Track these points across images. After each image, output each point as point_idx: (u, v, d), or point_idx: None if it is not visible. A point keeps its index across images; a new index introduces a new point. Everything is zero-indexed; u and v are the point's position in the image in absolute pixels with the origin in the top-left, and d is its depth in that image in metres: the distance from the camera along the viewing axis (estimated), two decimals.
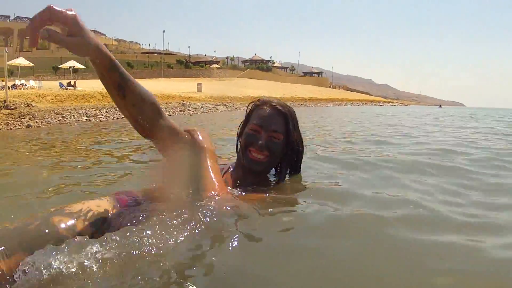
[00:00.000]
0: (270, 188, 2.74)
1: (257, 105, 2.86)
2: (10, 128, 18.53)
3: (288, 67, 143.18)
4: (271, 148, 2.66)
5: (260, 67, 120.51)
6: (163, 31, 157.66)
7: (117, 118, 23.17)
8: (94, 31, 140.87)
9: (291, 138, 2.76)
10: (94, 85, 40.24)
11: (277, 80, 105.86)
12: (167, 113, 27.04)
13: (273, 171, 2.95)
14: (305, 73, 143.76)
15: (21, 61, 46.30)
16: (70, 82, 39.11)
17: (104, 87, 1.94)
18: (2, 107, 23.49)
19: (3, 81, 27.99)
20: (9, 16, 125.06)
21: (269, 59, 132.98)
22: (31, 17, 1.56)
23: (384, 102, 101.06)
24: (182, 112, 28.62)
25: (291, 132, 2.76)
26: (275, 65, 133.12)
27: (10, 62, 43.02)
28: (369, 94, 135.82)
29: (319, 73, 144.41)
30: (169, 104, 34.14)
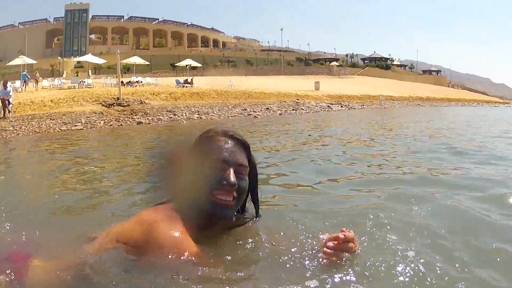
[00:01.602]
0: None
1: (209, 137, 2.34)
2: (121, 124, 19.30)
3: (407, 65, 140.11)
4: (240, 186, 2.26)
5: (380, 64, 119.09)
6: (281, 29, 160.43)
7: (228, 117, 23.40)
8: (212, 29, 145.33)
9: (254, 170, 2.45)
10: (212, 82, 41.30)
11: (396, 78, 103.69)
12: (279, 111, 27.17)
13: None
14: (424, 71, 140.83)
15: (136, 59, 48.68)
16: (187, 79, 40.17)
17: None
18: (115, 104, 24.57)
19: (117, 77, 29.27)
20: (123, 16, 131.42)
21: (388, 56, 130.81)
22: (144, 16, 1.16)
23: (500, 103, 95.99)
24: (294, 111, 28.48)
25: (253, 163, 2.44)
26: (394, 62, 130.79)
27: (125, 61, 45.36)
28: (486, 94, 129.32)
29: (438, 72, 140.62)
30: (283, 102, 34.22)
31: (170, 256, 1.93)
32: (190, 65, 55.57)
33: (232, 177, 2.20)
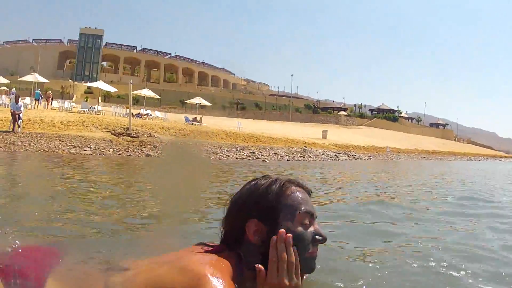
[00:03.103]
0: None
1: (281, 186, 2.01)
2: (130, 155, 19.35)
3: (414, 118, 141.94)
4: None
5: (387, 116, 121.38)
6: (292, 75, 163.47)
7: (236, 158, 23.41)
8: (223, 69, 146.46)
9: None
10: (221, 123, 41.58)
11: (403, 131, 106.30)
12: (287, 157, 27.19)
13: None
14: (431, 125, 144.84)
15: (147, 92, 49.17)
16: (196, 117, 40.47)
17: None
18: (125, 134, 24.70)
19: (127, 108, 29.48)
20: (136, 47, 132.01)
21: (396, 108, 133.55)
22: (157, 50, 1.18)
23: (506, 157, 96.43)
24: (302, 158, 28.51)
25: None
26: (402, 115, 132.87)
27: (135, 92, 45.76)
28: (492, 149, 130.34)
29: (444, 125, 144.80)
30: (291, 149, 34.23)
31: None
32: (200, 103, 56.06)
33: (323, 234, 1.98)
